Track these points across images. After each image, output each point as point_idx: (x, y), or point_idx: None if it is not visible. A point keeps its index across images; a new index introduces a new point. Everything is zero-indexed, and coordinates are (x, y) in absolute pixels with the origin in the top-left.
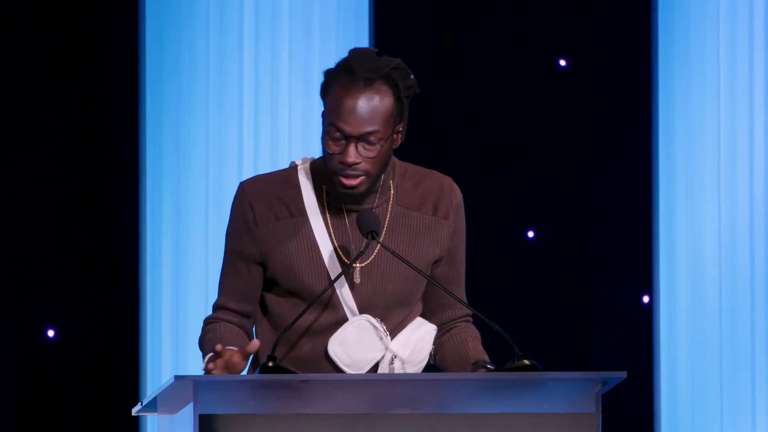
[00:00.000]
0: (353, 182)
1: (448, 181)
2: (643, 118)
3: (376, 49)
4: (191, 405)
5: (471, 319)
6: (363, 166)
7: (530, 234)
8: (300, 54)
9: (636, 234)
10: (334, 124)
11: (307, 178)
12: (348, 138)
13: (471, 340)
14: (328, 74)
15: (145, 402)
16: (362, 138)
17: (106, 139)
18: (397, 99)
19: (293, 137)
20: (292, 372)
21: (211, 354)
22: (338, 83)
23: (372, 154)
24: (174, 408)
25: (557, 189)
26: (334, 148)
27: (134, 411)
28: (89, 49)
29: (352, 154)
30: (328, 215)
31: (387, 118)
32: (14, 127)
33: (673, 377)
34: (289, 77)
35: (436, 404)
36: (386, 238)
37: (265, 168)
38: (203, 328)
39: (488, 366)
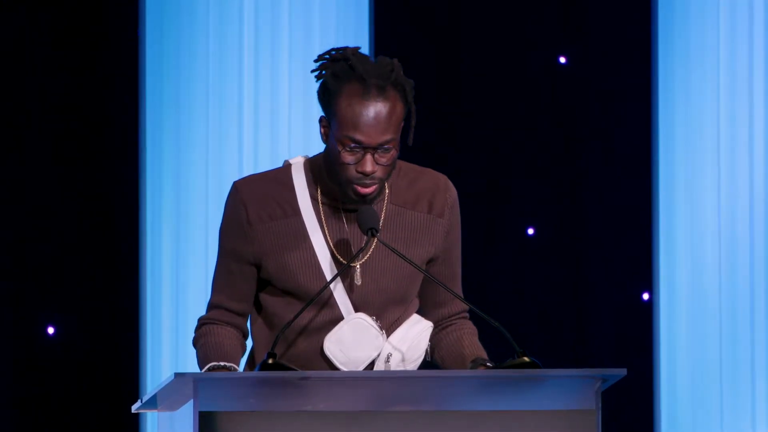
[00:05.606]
0: (369, 190)
1: (443, 179)
2: (643, 114)
3: (359, 47)
4: (191, 402)
5: (468, 315)
6: (377, 173)
7: (530, 231)
8: (300, 54)
9: (636, 231)
10: (351, 136)
11: (302, 176)
12: (365, 148)
13: (467, 337)
14: (330, 79)
15: (145, 399)
16: (379, 147)
17: (106, 138)
18: (405, 103)
19: (293, 137)
20: (292, 369)
21: (212, 364)
22: (349, 92)
23: (387, 161)
24: (174, 405)
25: (557, 186)
26: (349, 159)
27: (134, 408)
28: (89, 47)
29: (370, 164)
30: (322, 214)
31: (399, 124)
32: (13, 126)
33: (672, 374)
34: (289, 77)
35: (437, 401)
36: (381, 236)
37: (265, 167)
38: (198, 330)
39: (487, 364)
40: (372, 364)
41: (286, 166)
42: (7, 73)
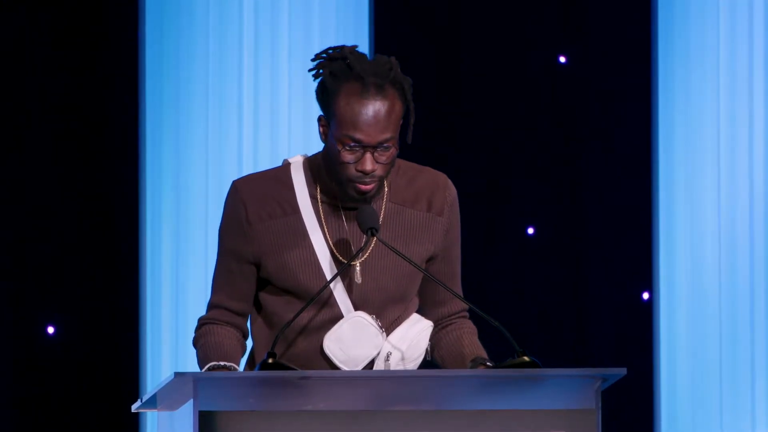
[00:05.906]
0: (369, 188)
1: (443, 178)
2: (643, 114)
3: (356, 45)
4: (191, 402)
5: (468, 314)
6: (377, 171)
7: (530, 231)
8: (300, 54)
9: (636, 231)
10: (350, 136)
11: (301, 175)
12: (365, 147)
13: (467, 336)
14: (328, 78)
15: (144, 399)
16: (378, 146)
17: (106, 138)
18: (404, 101)
19: (293, 137)
20: (292, 368)
21: (212, 364)
22: (347, 91)
23: (386, 159)
24: (174, 405)
25: (557, 186)
26: (349, 158)
27: (134, 408)
28: (89, 47)
29: (370, 163)
30: (322, 213)
31: (398, 123)
32: (13, 126)
33: (672, 374)
34: (289, 77)
35: (437, 401)
36: (381, 235)
37: (265, 167)
38: (198, 330)
39: (487, 363)
40: (372, 362)
41: (285, 165)
42: (7, 73)
